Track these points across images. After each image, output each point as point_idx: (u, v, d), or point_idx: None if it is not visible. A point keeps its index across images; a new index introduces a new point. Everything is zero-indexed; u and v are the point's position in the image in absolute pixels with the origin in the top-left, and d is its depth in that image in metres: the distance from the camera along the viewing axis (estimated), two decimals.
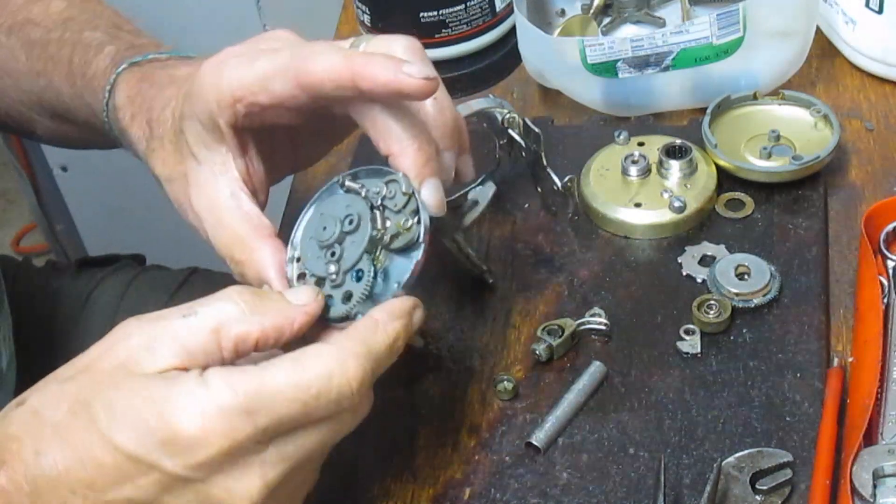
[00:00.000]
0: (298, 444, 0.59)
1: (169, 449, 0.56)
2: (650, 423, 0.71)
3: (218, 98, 0.66)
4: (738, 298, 0.75)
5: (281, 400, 0.57)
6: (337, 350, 0.59)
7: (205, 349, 0.59)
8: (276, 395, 0.57)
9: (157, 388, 0.57)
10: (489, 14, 0.94)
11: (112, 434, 0.57)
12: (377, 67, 0.63)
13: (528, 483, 0.69)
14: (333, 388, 0.58)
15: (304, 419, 0.58)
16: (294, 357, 0.59)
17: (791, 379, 0.72)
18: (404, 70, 0.62)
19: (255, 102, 0.66)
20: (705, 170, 0.83)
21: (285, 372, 0.58)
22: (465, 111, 0.80)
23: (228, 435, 0.56)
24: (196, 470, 0.57)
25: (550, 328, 0.75)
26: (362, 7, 0.95)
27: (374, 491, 0.70)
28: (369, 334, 0.61)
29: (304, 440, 0.59)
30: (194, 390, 0.57)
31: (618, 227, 0.82)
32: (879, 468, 0.64)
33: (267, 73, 0.65)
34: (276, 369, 0.58)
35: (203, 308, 0.60)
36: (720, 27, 0.85)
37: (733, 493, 0.66)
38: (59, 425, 0.58)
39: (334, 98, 0.66)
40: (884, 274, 0.75)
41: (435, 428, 0.73)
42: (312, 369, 0.58)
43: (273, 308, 0.61)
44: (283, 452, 0.59)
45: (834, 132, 0.83)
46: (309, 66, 0.64)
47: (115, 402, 0.57)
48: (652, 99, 0.90)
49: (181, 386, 0.57)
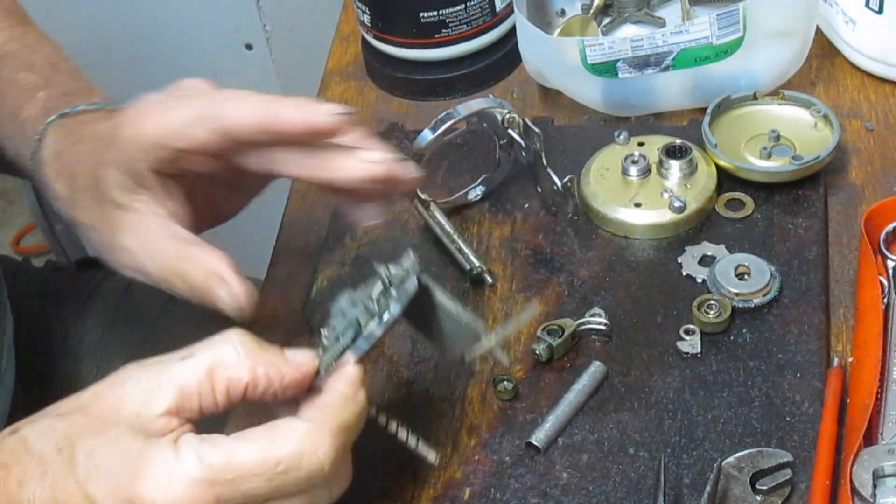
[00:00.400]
0: None
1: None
2: (650, 423, 0.71)
3: (140, 144, 0.68)
4: (738, 298, 0.75)
5: (247, 475, 0.58)
6: (309, 426, 0.60)
7: (199, 390, 0.60)
8: (242, 470, 0.58)
9: (134, 448, 0.58)
10: (489, 14, 0.94)
11: (86, 482, 0.58)
12: (289, 107, 0.65)
13: (528, 483, 0.69)
14: (303, 466, 0.59)
15: (273, 493, 0.59)
16: (267, 429, 0.60)
17: (791, 379, 0.72)
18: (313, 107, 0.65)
19: (176, 148, 0.67)
20: (705, 170, 0.83)
21: (255, 446, 0.59)
22: (465, 111, 0.80)
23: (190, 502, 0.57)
24: None
25: (550, 328, 0.75)
26: (362, 7, 0.95)
27: (374, 491, 0.70)
28: (341, 408, 0.62)
29: None
30: (166, 457, 0.58)
31: (618, 227, 0.82)
32: (879, 468, 0.64)
33: (187, 119, 0.67)
34: (247, 443, 0.59)
35: (201, 351, 0.61)
36: (720, 27, 0.85)
37: (733, 493, 0.66)
38: (43, 460, 0.59)
39: (252, 143, 0.68)
40: (884, 274, 0.75)
41: (435, 428, 0.73)
42: (283, 446, 0.59)
43: (268, 358, 0.61)
44: None
45: (834, 132, 0.83)
46: (228, 110, 0.66)
47: (95, 451, 0.59)
48: (652, 99, 0.90)
49: (155, 449, 0.58)
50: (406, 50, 0.95)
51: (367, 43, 0.98)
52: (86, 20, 1.62)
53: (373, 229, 0.85)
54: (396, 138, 0.92)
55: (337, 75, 1.01)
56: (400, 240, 0.84)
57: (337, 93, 0.99)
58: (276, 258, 0.87)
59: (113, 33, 1.63)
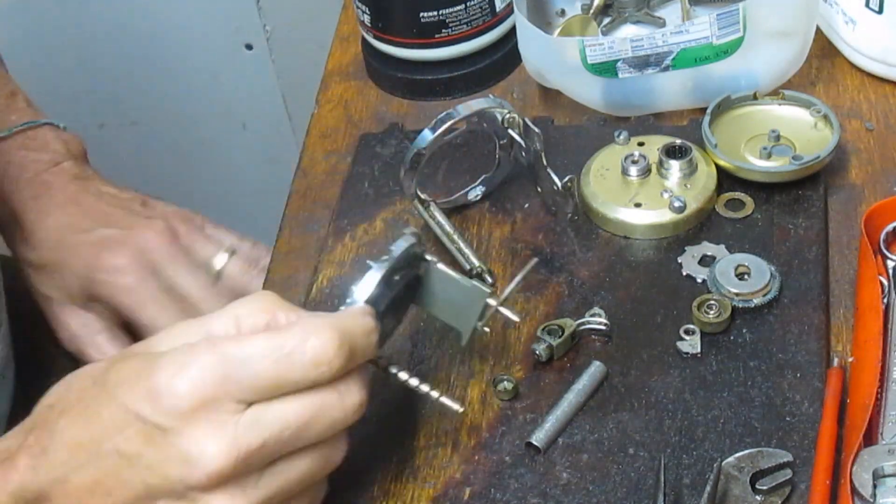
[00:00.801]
0: (276, 414, 0.60)
1: (149, 397, 0.60)
2: (650, 423, 0.71)
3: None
4: (738, 298, 0.75)
5: (255, 355, 0.60)
6: (312, 319, 0.63)
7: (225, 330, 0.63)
8: (250, 351, 0.60)
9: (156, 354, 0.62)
10: (489, 14, 0.94)
11: (113, 388, 0.61)
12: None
13: (528, 483, 0.69)
14: (308, 349, 0.60)
15: (279, 381, 0.60)
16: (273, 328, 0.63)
17: (791, 379, 0.72)
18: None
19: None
20: (705, 170, 0.83)
21: (263, 335, 0.61)
22: (465, 111, 0.80)
23: (199, 382, 0.59)
24: (171, 418, 0.59)
25: (550, 328, 0.75)
26: (362, 7, 0.95)
27: (373, 491, 0.70)
28: (345, 317, 0.64)
29: (282, 410, 0.60)
30: (181, 349, 0.61)
31: (618, 227, 0.82)
32: (879, 468, 0.64)
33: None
34: (255, 335, 0.62)
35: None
36: (720, 27, 0.85)
37: (733, 493, 0.66)
38: (82, 391, 0.63)
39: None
40: (884, 274, 0.75)
41: (435, 428, 0.73)
42: (288, 332, 0.61)
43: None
44: (258, 418, 0.60)
45: (834, 132, 0.83)
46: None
47: (124, 367, 0.62)
48: (652, 99, 0.90)
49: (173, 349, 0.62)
50: (406, 50, 0.95)
51: (367, 43, 0.98)
52: (86, 20, 1.63)
53: (373, 229, 0.85)
54: (396, 138, 0.92)
55: (337, 75, 1.01)
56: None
57: (337, 93, 0.99)
58: (276, 258, 0.87)
59: (113, 33, 1.63)
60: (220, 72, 1.67)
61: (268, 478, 0.61)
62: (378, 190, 0.89)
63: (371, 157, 0.91)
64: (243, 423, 0.60)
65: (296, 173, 0.93)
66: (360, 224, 0.86)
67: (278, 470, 0.62)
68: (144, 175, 1.77)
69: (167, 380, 0.59)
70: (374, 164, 0.91)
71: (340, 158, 0.93)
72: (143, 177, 1.77)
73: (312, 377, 0.61)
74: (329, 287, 0.82)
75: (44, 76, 1.67)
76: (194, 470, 0.59)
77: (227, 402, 0.59)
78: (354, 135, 0.94)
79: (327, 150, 0.94)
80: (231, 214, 1.81)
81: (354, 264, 0.83)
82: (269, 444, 0.60)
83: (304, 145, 0.95)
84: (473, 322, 0.72)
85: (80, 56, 1.66)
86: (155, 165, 1.76)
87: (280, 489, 0.62)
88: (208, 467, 0.59)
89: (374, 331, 0.65)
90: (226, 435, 0.59)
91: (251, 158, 1.77)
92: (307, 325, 0.62)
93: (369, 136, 0.93)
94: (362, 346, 0.63)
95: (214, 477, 0.59)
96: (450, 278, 0.72)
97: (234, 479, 0.60)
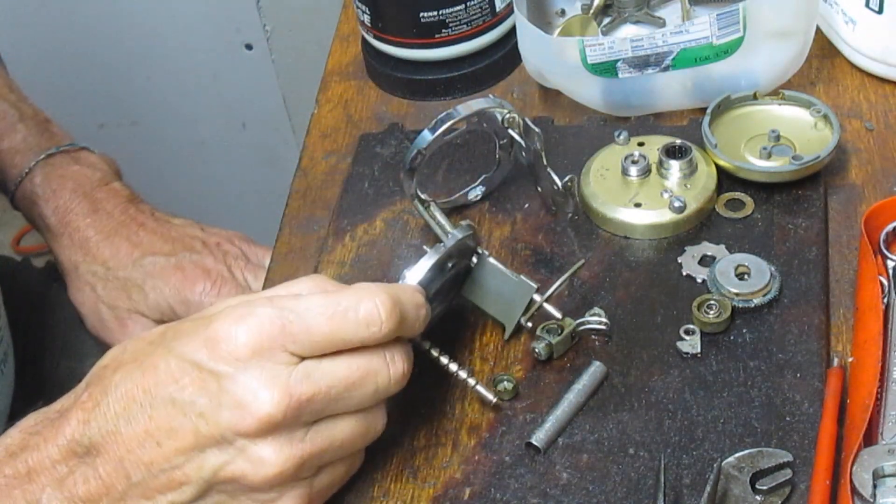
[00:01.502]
0: (327, 369, 0.63)
1: (207, 345, 0.62)
2: (650, 423, 0.71)
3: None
4: (738, 298, 0.75)
5: (311, 311, 0.63)
6: (366, 285, 0.66)
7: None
8: (307, 305, 0.63)
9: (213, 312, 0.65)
10: (489, 14, 0.94)
11: (169, 342, 0.64)
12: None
13: (528, 483, 0.69)
14: (361, 307, 0.63)
15: (333, 337, 0.63)
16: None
17: (791, 379, 0.72)
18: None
19: None
20: (705, 170, 0.83)
21: (320, 294, 0.64)
22: (465, 111, 0.80)
23: (257, 329, 0.62)
24: (227, 364, 0.62)
25: (550, 327, 0.75)
26: (362, 7, 0.95)
27: (373, 491, 0.70)
28: (398, 287, 0.67)
29: (334, 366, 0.63)
30: (240, 303, 0.64)
31: (618, 227, 0.82)
32: (879, 468, 0.64)
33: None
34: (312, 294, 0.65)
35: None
36: (720, 27, 0.85)
37: (733, 493, 0.66)
38: (137, 351, 0.65)
39: None
40: (884, 274, 0.75)
41: (435, 428, 0.73)
42: (344, 293, 0.64)
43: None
44: (311, 372, 0.62)
45: (834, 132, 0.83)
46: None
47: (182, 326, 0.65)
48: (652, 99, 0.90)
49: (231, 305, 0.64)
50: (406, 50, 0.95)
51: (367, 43, 0.98)
52: (86, 20, 1.63)
53: (373, 229, 0.85)
54: (396, 138, 0.92)
55: (337, 75, 1.01)
56: (400, 240, 0.84)
57: (337, 93, 0.99)
58: (276, 258, 0.87)
59: (113, 33, 1.64)
60: (220, 72, 1.67)
61: (313, 434, 0.63)
62: (378, 190, 0.89)
63: (371, 157, 0.91)
64: (296, 374, 0.62)
65: (296, 173, 0.93)
66: (360, 224, 0.86)
67: (324, 427, 0.64)
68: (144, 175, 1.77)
69: (227, 327, 0.62)
70: (374, 164, 0.91)
71: (340, 158, 0.93)
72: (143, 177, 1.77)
73: (363, 336, 0.63)
74: None
75: (44, 76, 1.67)
76: (246, 415, 0.61)
77: (282, 353, 0.62)
78: (354, 135, 0.95)
79: (327, 150, 0.94)
80: (231, 214, 1.82)
81: (354, 264, 0.83)
82: (319, 398, 0.62)
83: (304, 145, 0.95)
84: (518, 316, 0.75)
85: (80, 56, 1.66)
86: (155, 165, 1.76)
87: (323, 448, 0.64)
88: (260, 412, 0.61)
89: (423, 306, 0.67)
90: (279, 383, 0.61)
91: (251, 158, 1.77)
92: (362, 288, 0.65)
93: (369, 136, 0.93)
94: (412, 317, 0.66)
95: (265, 423, 0.61)
96: (499, 271, 0.75)
97: (282, 429, 0.62)
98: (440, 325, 0.77)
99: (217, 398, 0.62)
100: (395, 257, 0.83)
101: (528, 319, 0.75)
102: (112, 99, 1.71)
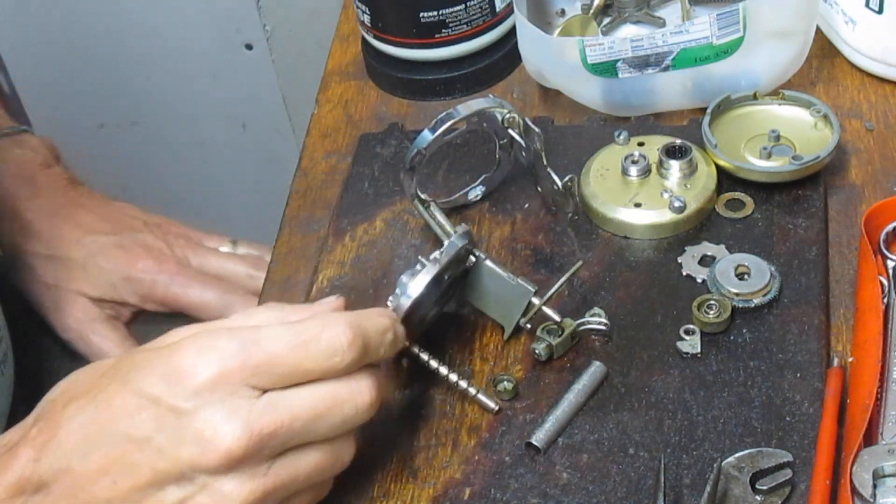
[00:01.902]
0: (291, 401, 0.61)
1: (165, 379, 0.61)
2: (650, 423, 0.71)
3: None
4: (738, 298, 0.75)
5: (273, 340, 0.62)
6: (329, 313, 0.65)
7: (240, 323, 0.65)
8: (267, 336, 0.62)
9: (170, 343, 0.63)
10: (489, 14, 0.94)
11: (125, 375, 0.62)
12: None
13: (528, 483, 0.69)
14: (323, 338, 0.62)
15: (295, 368, 0.61)
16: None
17: (791, 379, 0.72)
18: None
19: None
20: (705, 170, 0.83)
21: (282, 325, 0.63)
22: (465, 111, 0.80)
23: (218, 363, 0.60)
24: (188, 399, 0.60)
25: (550, 328, 0.75)
26: (362, 7, 0.95)
27: (373, 491, 0.70)
28: (361, 314, 0.65)
29: (297, 397, 0.62)
30: (200, 334, 0.62)
31: (618, 227, 0.82)
32: (879, 468, 0.64)
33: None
34: (273, 324, 0.63)
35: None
36: (720, 27, 0.85)
37: (733, 493, 0.66)
38: (91, 383, 0.63)
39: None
40: (884, 274, 0.75)
41: (435, 428, 0.73)
42: (306, 323, 0.63)
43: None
44: (274, 404, 0.61)
45: (834, 132, 0.83)
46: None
47: (137, 356, 0.63)
48: (652, 99, 0.90)
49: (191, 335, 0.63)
50: (406, 50, 0.95)
51: (367, 43, 0.98)
52: (86, 20, 1.62)
53: (373, 229, 0.85)
54: (396, 138, 0.92)
55: (337, 75, 1.01)
56: (400, 240, 0.84)
57: (337, 93, 0.99)
58: (276, 258, 0.87)
59: (113, 33, 1.63)
60: (220, 72, 1.67)
61: (277, 467, 0.62)
62: (378, 190, 0.89)
63: (371, 157, 0.91)
64: (258, 407, 0.61)
65: (296, 173, 0.93)
66: (360, 224, 0.86)
67: (288, 461, 0.62)
68: (145, 175, 1.77)
69: (188, 361, 0.61)
70: (374, 164, 0.91)
71: (340, 158, 0.93)
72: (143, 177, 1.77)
73: (326, 366, 0.62)
74: (329, 287, 0.82)
75: (44, 76, 1.67)
76: (207, 451, 0.60)
77: (244, 386, 0.61)
78: (354, 135, 0.95)
79: (327, 150, 0.94)
80: (231, 214, 1.82)
81: (354, 264, 0.83)
82: (282, 431, 0.61)
83: (304, 145, 0.95)
84: (517, 318, 0.75)
85: (80, 56, 1.66)
86: (155, 165, 1.76)
87: (287, 481, 0.62)
88: (221, 447, 0.60)
89: (388, 330, 0.66)
90: (241, 417, 0.60)
91: (251, 158, 1.77)
92: (324, 318, 0.63)
93: (369, 136, 0.93)
94: (376, 344, 0.65)
95: (227, 458, 0.60)
96: (496, 275, 0.75)
97: (244, 464, 0.60)
98: (440, 325, 0.77)
99: (176, 434, 0.60)
100: (395, 257, 0.83)
101: (527, 321, 0.75)
102: (112, 99, 1.70)
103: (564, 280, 0.75)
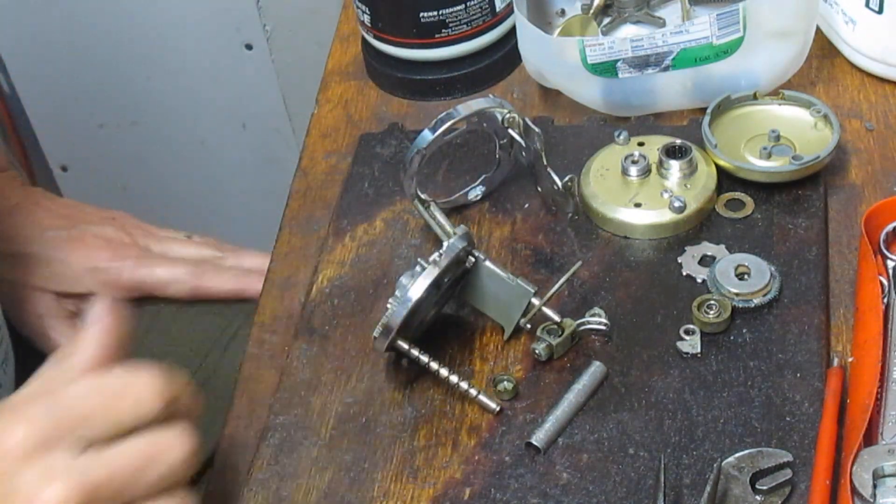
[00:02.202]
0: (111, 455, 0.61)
1: None
2: (650, 423, 0.71)
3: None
4: (738, 298, 0.75)
5: (80, 397, 0.61)
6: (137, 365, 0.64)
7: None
8: (75, 394, 0.61)
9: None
10: (489, 14, 0.94)
11: None
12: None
13: (528, 483, 0.69)
14: (130, 387, 0.62)
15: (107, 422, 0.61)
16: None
17: (791, 379, 0.72)
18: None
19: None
20: (705, 170, 0.83)
21: (88, 378, 0.63)
22: (465, 111, 0.80)
23: (29, 430, 0.60)
24: (8, 462, 0.59)
25: (550, 328, 0.75)
26: (362, 7, 0.95)
27: (373, 491, 0.70)
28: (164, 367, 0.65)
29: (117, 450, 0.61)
30: (12, 397, 0.63)
31: (618, 227, 0.82)
32: (879, 468, 0.64)
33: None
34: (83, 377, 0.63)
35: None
36: (720, 27, 0.85)
37: (733, 493, 0.66)
38: None
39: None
40: (884, 274, 0.75)
41: (435, 428, 0.73)
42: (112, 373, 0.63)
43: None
44: (94, 460, 0.60)
45: (834, 132, 0.83)
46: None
47: None
48: (652, 99, 0.90)
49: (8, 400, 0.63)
50: (406, 50, 0.95)
51: (367, 43, 0.98)
52: (85, 20, 1.63)
53: (373, 229, 0.86)
54: (396, 138, 0.92)
55: (337, 75, 1.01)
56: (400, 240, 0.84)
57: (337, 93, 0.99)
58: (276, 258, 0.87)
59: (113, 33, 1.64)
60: (220, 72, 1.67)
61: None
62: (378, 190, 0.89)
63: (371, 157, 0.91)
64: (78, 465, 0.60)
65: (296, 173, 0.93)
66: (360, 224, 0.86)
67: None
68: (145, 175, 1.77)
69: (3, 427, 0.60)
70: (374, 164, 0.91)
71: (340, 158, 0.93)
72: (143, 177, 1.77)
73: (136, 416, 0.62)
74: (329, 287, 0.82)
75: (44, 76, 1.67)
76: None
77: (62, 445, 0.60)
78: (354, 135, 0.94)
79: (327, 150, 0.94)
80: (231, 214, 1.82)
81: (354, 264, 0.83)
82: (106, 486, 0.60)
83: (304, 145, 0.95)
84: (516, 318, 0.75)
85: (80, 56, 1.66)
86: (155, 165, 1.76)
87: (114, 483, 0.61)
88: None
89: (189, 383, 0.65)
90: (60, 477, 0.59)
91: (251, 158, 1.77)
92: (129, 368, 0.63)
93: (369, 136, 0.93)
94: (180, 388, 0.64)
95: None
96: (496, 275, 0.75)
97: None
98: (440, 325, 0.77)
99: (4, 497, 0.59)
100: (395, 257, 0.83)
101: (527, 321, 0.75)
102: (112, 99, 1.70)
103: (564, 280, 0.75)
